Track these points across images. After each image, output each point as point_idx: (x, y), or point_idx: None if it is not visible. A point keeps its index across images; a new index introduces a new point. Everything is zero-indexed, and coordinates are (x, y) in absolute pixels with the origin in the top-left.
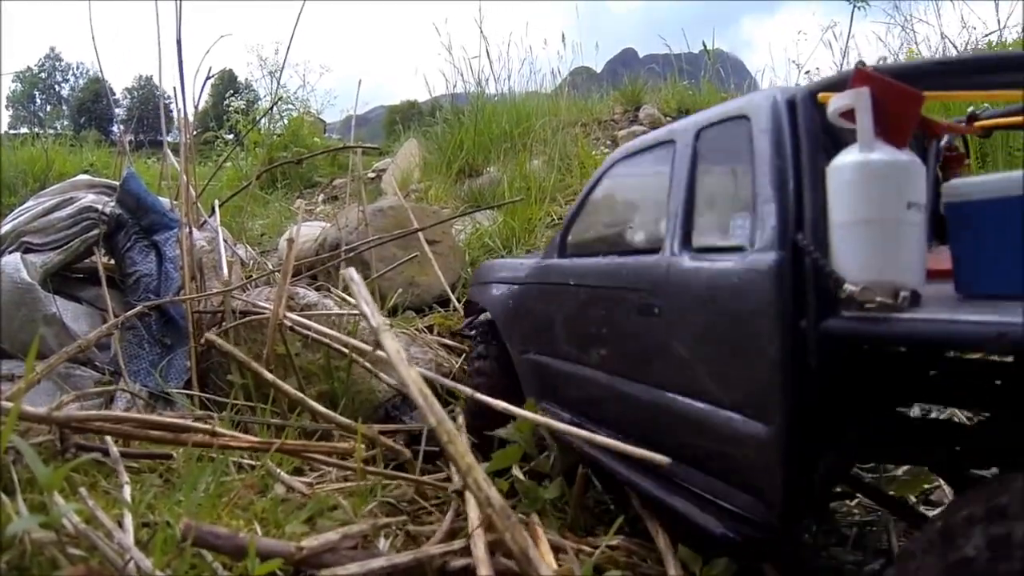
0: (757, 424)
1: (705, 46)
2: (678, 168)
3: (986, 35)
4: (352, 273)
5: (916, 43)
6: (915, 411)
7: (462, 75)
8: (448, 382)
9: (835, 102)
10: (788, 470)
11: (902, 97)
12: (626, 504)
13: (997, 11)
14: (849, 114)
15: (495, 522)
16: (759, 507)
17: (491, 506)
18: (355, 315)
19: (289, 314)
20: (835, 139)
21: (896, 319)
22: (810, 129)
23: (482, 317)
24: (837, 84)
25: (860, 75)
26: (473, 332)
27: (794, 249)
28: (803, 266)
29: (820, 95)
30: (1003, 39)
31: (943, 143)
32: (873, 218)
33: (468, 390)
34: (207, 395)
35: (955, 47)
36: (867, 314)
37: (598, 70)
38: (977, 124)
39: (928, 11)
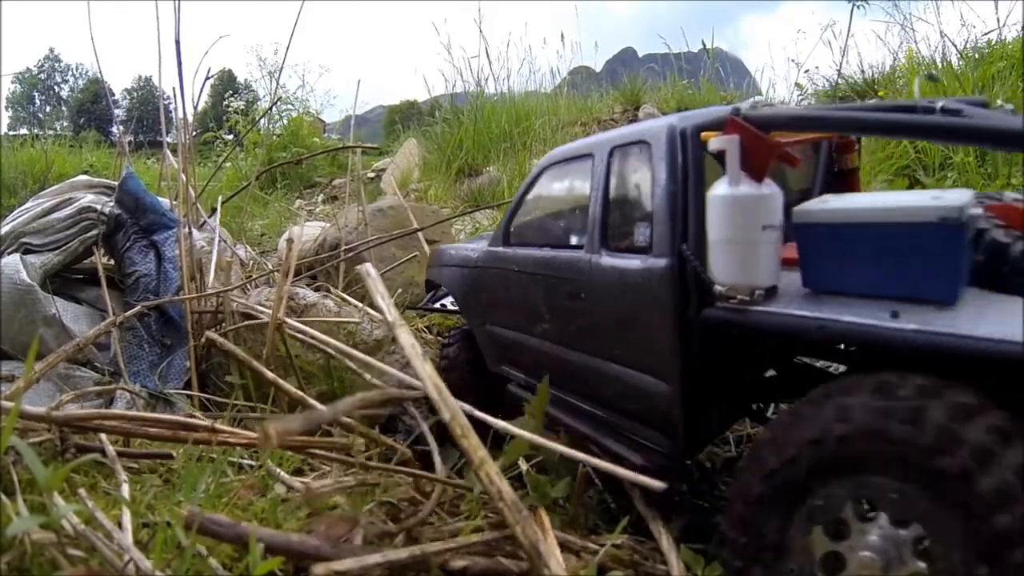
0: (662, 383)
1: (705, 45)
2: (596, 179)
3: (985, 34)
4: (369, 268)
5: (915, 42)
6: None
7: (461, 75)
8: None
9: (712, 143)
10: (686, 416)
11: (763, 145)
12: (629, 506)
13: (997, 10)
14: (723, 153)
15: (506, 516)
16: (667, 443)
17: (503, 500)
18: (355, 320)
19: (288, 319)
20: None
21: (750, 310)
22: (696, 159)
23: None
24: (717, 125)
25: (733, 124)
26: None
27: (680, 256)
28: (687, 269)
29: (703, 134)
30: (1002, 37)
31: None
32: (736, 239)
33: (466, 407)
34: (207, 395)
35: (954, 45)
36: (732, 306)
37: (598, 69)
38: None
39: (927, 10)
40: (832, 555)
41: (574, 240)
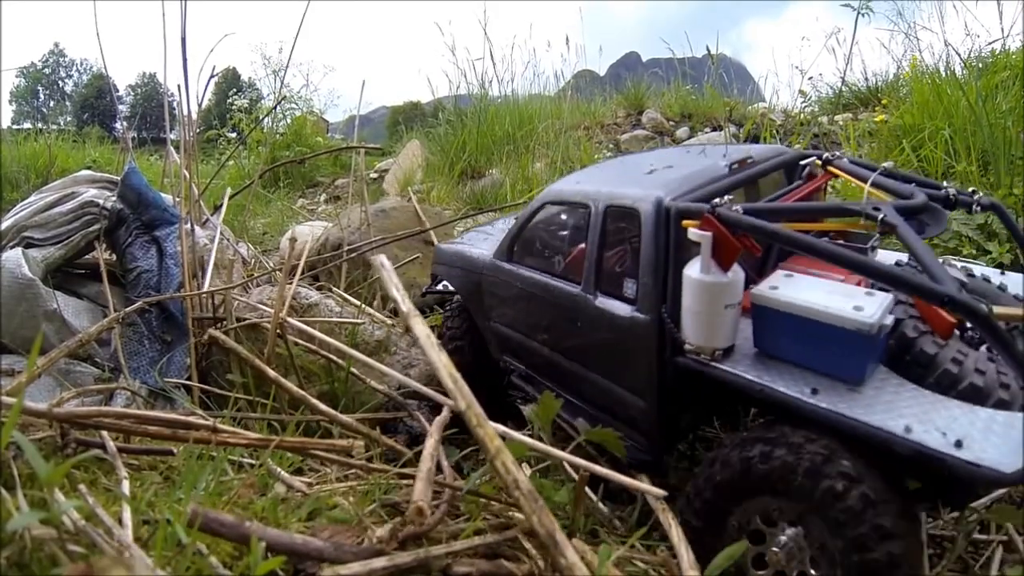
0: (641, 400)
1: (709, 50)
2: (592, 229)
3: (989, 43)
4: (383, 259)
5: (919, 50)
6: None
7: (465, 76)
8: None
9: (691, 234)
10: (660, 425)
11: (730, 244)
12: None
13: (1000, 19)
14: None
15: (523, 505)
16: (645, 443)
17: (519, 488)
18: (357, 321)
19: (289, 319)
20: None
21: (710, 365)
22: (677, 237)
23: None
24: (695, 213)
25: (707, 221)
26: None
27: (660, 314)
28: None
29: (684, 223)
30: (1006, 47)
31: (806, 171)
32: (702, 311)
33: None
34: (207, 389)
35: (958, 54)
36: (695, 359)
37: (601, 73)
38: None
39: (932, 18)
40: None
41: (572, 275)
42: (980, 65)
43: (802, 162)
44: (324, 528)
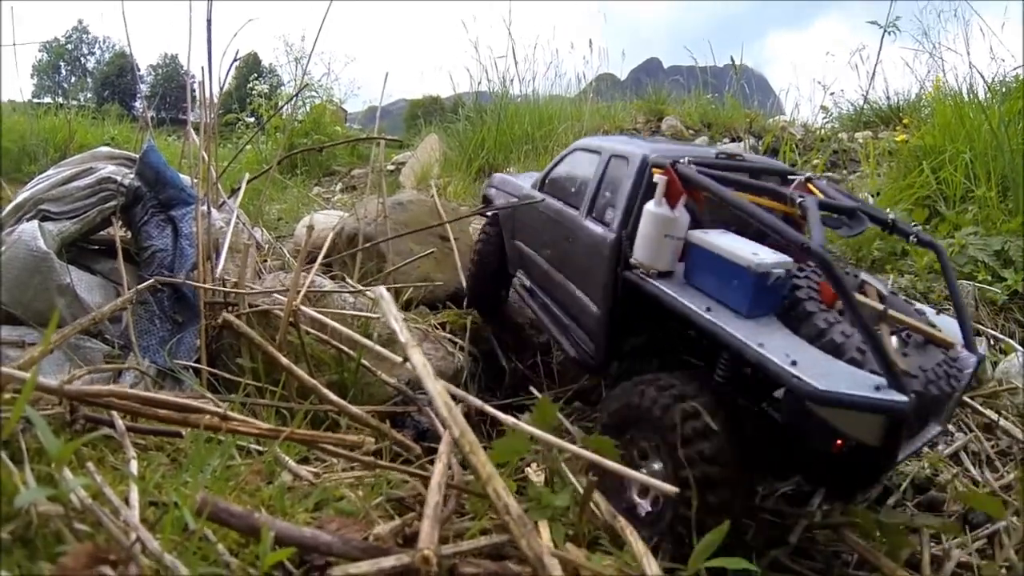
0: (597, 308)
1: (733, 61)
2: (597, 170)
3: (1014, 68)
4: (382, 291)
5: (944, 71)
6: None
7: (487, 74)
8: (459, 391)
9: (656, 177)
10: (607, 333)
11: (677, 189)
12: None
13: None
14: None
15: (512, 529)
16: (592, 346)
17: (509, 514)
18: (372, 315)
19: (303, 308)
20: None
21: (646, 280)
22: (649, 181)
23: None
24: (662, 165)
25: (666, 170)
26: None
27: (622, 236)
28: (623, 245)
29: (653, 169)
30: None
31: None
32: (648, 236)
33: (477, 401)
34: (216, 372)
35: (982, 77)
36: (637, 274)
37: (622, 77)
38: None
39: (957, 40)
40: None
41: (575, 203)
42: (1004, 90)
43: (790, 176)
44: (331, 520)
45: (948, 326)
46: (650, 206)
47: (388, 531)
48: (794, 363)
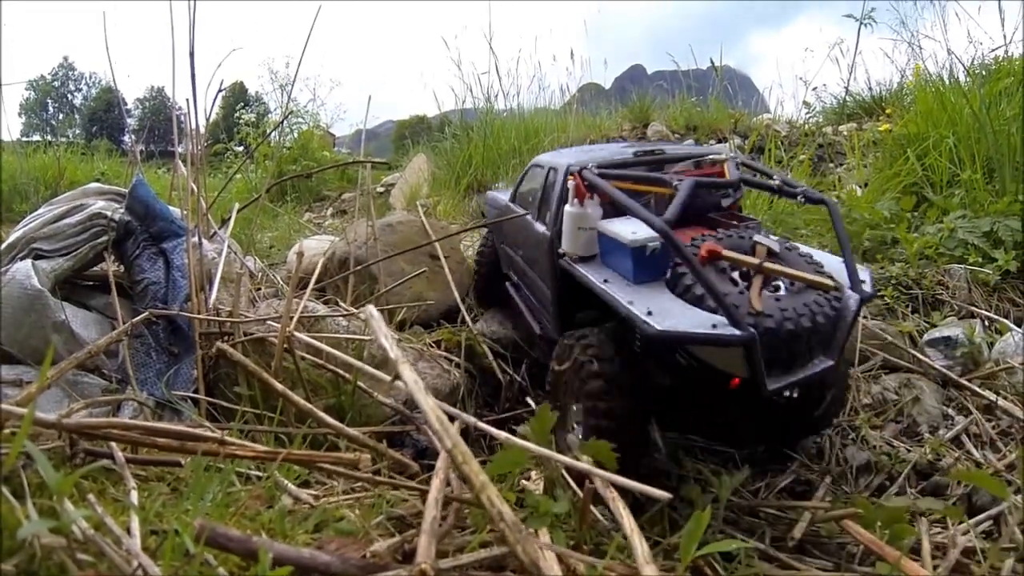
0: (547, 288)
1: (713, 63)
2: (541, 181)
3: (992, 50)
4: (371, 310)
5: (923, 59)
6: None
7: (471, 90)
8: (452, 409)
9: (569, 182)
10: (556, 309)
11: (581, 188)
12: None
13: (1003, 26)
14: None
15: (507, 536)
16: (550, 322)
17: (503, 521)
18: (365, 338)
19: (297, 334)
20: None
21: (570, 265)
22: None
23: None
24: (579, 170)
25: (574, 175)
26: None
27: (554, 232)
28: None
29: (571, 175)
30: (1009, 54)
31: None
32: (569, 230)
33: (471, 418)
34: (214, 401)
35: (961, 63)
36: (565, 261)
37: (607, 86)
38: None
39: (935, 27)
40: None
41: (532, 210)
42: (983, 72)
43: (708, 157)
44: (330, 540)
45: (832, 263)
46: (567, 206)
47: (386, 548)
48: (649, 313)
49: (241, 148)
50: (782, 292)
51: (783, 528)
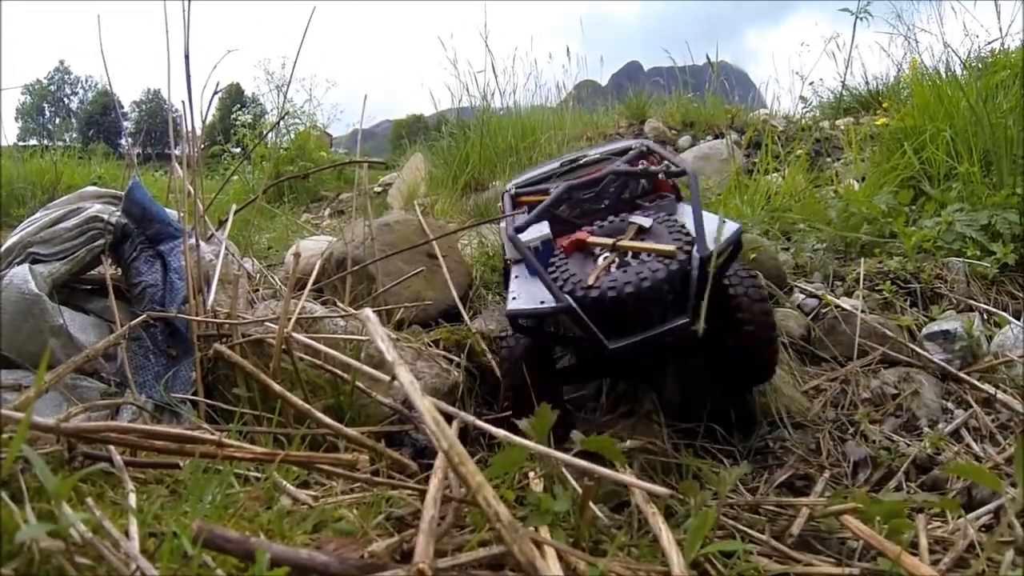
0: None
1: (709, 59)
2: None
3: (988, 43)
4: (368, 313)
5: (919, 52)
6: None
7: (467, 89)
8: (449, 408)
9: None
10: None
11: (517, 203)
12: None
13: (999, 19)
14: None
15: (503, 536)
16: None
17: (500, 520)
18: (363, 338)
19: (295, 335)
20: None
21: (508, 265)
22: (511, 207)
23: None
24: (535, 190)
25: (512, 198)
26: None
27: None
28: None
29: (519, 198)
30: (1005, 46)
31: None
32: (504, 239)
33: (470, 417)
34: (213, 403)
35: (957, 56)
36: (508, 262)
37: (603, 83)
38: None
39: (931, 20)
40: None
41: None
42: (980, 65)
43: (632, 151)
44: (329, 540)
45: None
46: (501, 224)
47: (385, 548)
48: (514, 298)
49: (238, 149)
50: (631, 264)
51: (782, 524)
